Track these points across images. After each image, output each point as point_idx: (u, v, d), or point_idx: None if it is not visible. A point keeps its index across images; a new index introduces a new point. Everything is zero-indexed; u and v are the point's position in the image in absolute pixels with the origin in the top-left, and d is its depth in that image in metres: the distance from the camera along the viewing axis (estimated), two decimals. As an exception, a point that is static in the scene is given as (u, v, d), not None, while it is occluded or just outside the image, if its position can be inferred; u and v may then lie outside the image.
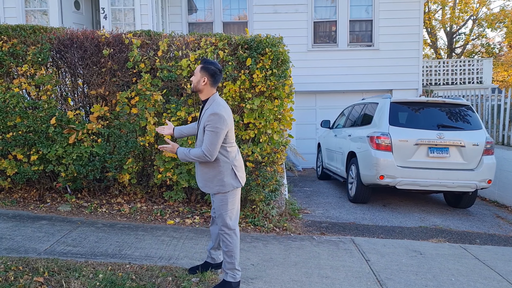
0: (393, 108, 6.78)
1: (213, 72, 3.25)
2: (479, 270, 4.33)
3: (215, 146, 3.16)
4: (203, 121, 3.21)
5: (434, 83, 14.34)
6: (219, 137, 3.15)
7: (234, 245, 3.38)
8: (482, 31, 25.52)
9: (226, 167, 3.30)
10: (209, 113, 3.16)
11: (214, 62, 3.32)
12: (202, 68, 3.25)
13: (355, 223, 6.00)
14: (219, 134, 3.14)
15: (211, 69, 3.25)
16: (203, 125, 3.20)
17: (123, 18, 9.23)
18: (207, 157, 3.17)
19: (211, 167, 3.31)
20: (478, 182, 6.48)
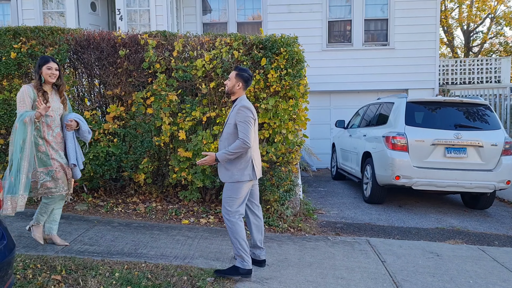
0: (409, 107, 6.70)
1: (247, 79, 3.74)
2: (498, 273, 4.25)
3: (249, 134, 3.56)
4: (232, 117, 3.66)
5: (451, 82, 14.13)
6: (250, 127, 3.59)
7: (235, 233, 3.63)
8: (500, 29, 25.08)
9: (247, 159, 3.65)
10: (238, 107, 3.63)
11: (247, 69, 3.79)
12: (237, 75, 3.72)
13: (370, 224, 5.95)
14: (250, 123, 3.59)
15: (245, 76, 3.73)
16: (233, 120, 3.64)
17: (139, 19, 9.31)
18: (246, 143, 3.55)
19: (233, 161, 3.65)
20: (496, 183, 6.37)
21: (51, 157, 3.90)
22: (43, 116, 3.81)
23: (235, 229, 3.63)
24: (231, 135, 3.65)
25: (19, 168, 3.74)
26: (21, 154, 3.75)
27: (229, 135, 3.67)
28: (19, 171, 3.74)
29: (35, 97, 3.82)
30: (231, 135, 3.65)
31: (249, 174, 3.66)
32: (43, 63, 3.87)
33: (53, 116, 3.96)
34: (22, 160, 3.75)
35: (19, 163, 3.74)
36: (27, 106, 3.80)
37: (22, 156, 3.75)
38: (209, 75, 5.36)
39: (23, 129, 3.75)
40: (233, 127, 3.64)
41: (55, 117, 3.98)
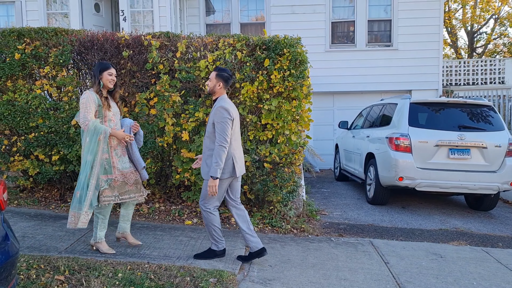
0: (413, 108, 6.69)
1: (227, 78, 3.93)
2: (502, 274, 4.23)
3: (226, 135, 3.74)
4: (211, 116, 3.85)
5: (455, 83, 14.10)
6: (227, 127, 3.75)
7: (211, 221, 3.98)
8: (504, 30, 25.01)
9: (227, 157, 3.83)
10: (215, 107, 3.83)
11: (226, 69, 3.99)
12: (217, 75, 3.90)
13: (373, 225, 5.94)
14: (227, 124, 3.75)
15: (225, 75, 3.92)
16: (212, 119, 3.83)
17: (142, 20, 9.33)
18: (223, 146, 3.74)
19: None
20: (500, 184, 6.34)
21: (113, 165, 3.89)
22: (127, 140, 3.94)
23: (211, 218, 3.97)
24: (212, 134, 3.85)
25: (87, 184, 3.77)
26: (90, 171, 3.78)
27: (210, 134, 3.87)
28: (87, 188, 3.77)
29: (99, 103, 3.82)
30: (211, 133, 3.85)
31: (229, 171, 3.86)
32: (104, 68, 3.87)
33: (115, 121, 3.98)
34: (91, 177, 3.78)
35: (87, 180, 3.77)
36: (92, 112, 3.78)
37: (92, 174, 3.78)
38: (212, 76, 5.36)
39: (95, 146, 3.78)
40: (212, 126, 3.84)
41: (117, 121, 4.00)
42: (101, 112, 3.86)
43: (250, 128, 5.39)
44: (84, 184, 3.75)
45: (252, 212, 5.60)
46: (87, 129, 3.76)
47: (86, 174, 3.76)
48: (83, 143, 3.81)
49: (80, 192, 3.75)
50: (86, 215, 3.79)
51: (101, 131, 3.76)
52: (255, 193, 5.43)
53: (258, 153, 5.31)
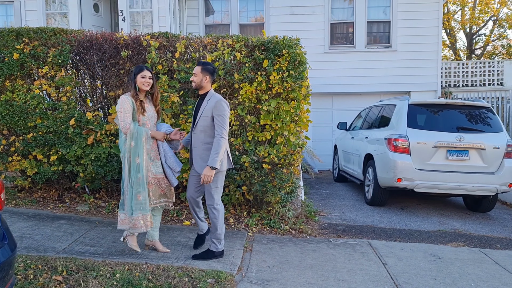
0: (411, 110, 6.69)
1: (212, 71, 3.98)
2: (500, 276, 4.24)
3: (226, 128, 3.83)
4: (207, 110, 3.86)
5: (453, 84, 14.10)
6: (227, 120, 3.84)
7: (221, 219, 4.01)
8: (503, 32, 25.04)
9: (224, 150, 3.85)
10: (215, 101, 3.85)
11: (209, 62, 4.09)
12: (202, 69, 3.92)
13: (372, 226, 5.94)
14: (227, 117, 3.84)
15: (210, 69, 3.96)
16: (210, 113, 3.84)
17: (141, 20, 9.33)
18: (224, 138, 3.80)
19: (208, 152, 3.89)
20: (498, 185, 6.35)
21: (147, 168, 3.89)
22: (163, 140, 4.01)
23: (221, 215, 4.00)
24: (208, 128, 3.87)
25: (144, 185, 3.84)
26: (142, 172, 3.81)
27: (206, 128, 3.87)
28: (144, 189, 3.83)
29: (134, 107, 3.84)
30: (208, 127, 3.87)
31: (226, 163, 3.95)
32: (138, 71, 3.88)
33: (149, 125, 3.97)
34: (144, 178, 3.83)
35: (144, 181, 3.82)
36: (130, 115, 3.80)
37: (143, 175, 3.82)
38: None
39: (141, 148, 3.82)
40: (210, 120, 3.84)
41: (151, 126, 4.00)
42: (134, 116, 3.85)
43: (249, 129, 5.39)
44: (142, 185, 3.80)
45: (250, 213, 5.59)
46: (130, 132, 3.78)
47: (141, 175, 3.80)
48: (127, 147, 3.80)
49: (141, 194, 3.79)
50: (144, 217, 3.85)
51: (143, 133, 3.83)
52: (254, 194, 5.42)
53: (257, 153, 5.31)
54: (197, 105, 4.03)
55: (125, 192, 3.82)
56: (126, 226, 3.85)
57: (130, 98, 3.84)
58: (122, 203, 3.87)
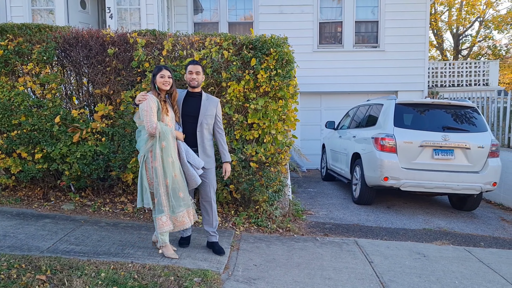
0: (398, 109, 6.74)
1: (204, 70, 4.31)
2: (483, 273, 4.29)
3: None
4: (211, 108, 4.13)
5: (440, 84, 14.26)
6: None
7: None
8: (489, 33, 25.37)
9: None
10: (216, 101, 4.22)
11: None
12: (202, 68, 4.21)
13: (358, 225, 5.97)
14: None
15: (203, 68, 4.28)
16: (213, 111, 4.14)
17: (129, 18, 9.25)
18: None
19: (212, 147, 4.21)
20: (483, 184, 6.43)
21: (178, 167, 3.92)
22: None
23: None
24: (211, 125, 4.16)
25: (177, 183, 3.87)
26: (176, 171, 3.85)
27: (209, 126, 4.14)
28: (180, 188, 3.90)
29: (159, 106, 3.82)
30: (210, 125, 4.16)
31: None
32: (157, 72, 3.88)
33: (171, 126, 3.94)
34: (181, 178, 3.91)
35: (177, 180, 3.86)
36: (155, 114, 3.78)
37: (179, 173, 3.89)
38: (199, 75, 5.33)
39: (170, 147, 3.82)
40: (214, 118, 4.15)
41: (172, 126, 3.96)
42: (159, 117, 3.82)
43: (236, 128, 5.38)
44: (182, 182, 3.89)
45: (238, 212, 5.59)
46: (158, 132, 3.74)
47: (177, 172, 3.86)
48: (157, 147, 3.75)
49: (182, 191, 3.88)
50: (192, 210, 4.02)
51: (169, 132, 3.82)
52: (241, 193, 5.42)
53: (244, 152, 5.30)
54: (189, 102, 4.14)
55: (160, 194, 3.78)
56: (169, 227, 3.86)
57: (155, 98, 3.82)
58: (158, 206, 3.82)
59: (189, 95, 4.15)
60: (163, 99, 3.91)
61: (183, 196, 3.86)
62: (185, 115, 4.12)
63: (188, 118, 4.10)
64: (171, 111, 3.98)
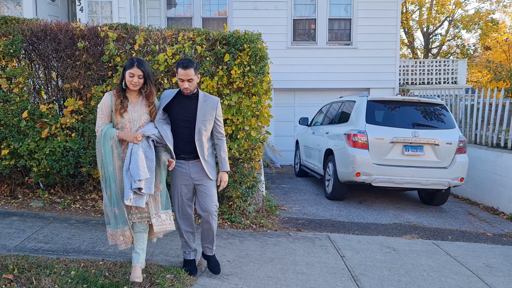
0: (370, 106, 6.85)
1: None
2: (450, 266, 4.43)
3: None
4: (209, 112, 3.53)
5: (411, 82, 14.58)
6: None
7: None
8: (457, 32, 26.06)
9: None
10: (215, 101, 3.59)
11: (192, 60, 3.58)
12: (196, 70, 3.45)
13: (331, 220, 6.05)
14: None
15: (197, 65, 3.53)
16: (212, 115, 3.56)
17: (100, 11, 9.05)
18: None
19: (213, 155, 3.71)
20: (451, 180, 6.61)
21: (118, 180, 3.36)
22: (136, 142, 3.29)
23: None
24: (209, 132, 3.61)
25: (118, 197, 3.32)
26: (115, 183, 3.31)
27: (208, 132, 3.59)
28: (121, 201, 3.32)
29: (112, 106, 3.35)
30: (209, 131, 3.60)
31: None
32: (128, 67, 3.31)
33: (131, 129, 3.39)
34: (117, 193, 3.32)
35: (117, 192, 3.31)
36: (104, 117, 3.35)
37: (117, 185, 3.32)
38: (172, 70, 5.28)
39: (110, 154, 3.30)
40: (212, 122, 3.57)
41: (134, 129, 3.40)
42: (112, 118, 3.38)
43: (209, 123, 5.35)
44: (116, 197, 3.30)
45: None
46: (97, 137, 3.33)
47: (115, 186, 3.30)
48: (98, 154, 3.35)
49: (117, 207, 3.31)
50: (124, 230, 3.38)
51: (109, 136, 3.28)
52: (215, 189, 5.40)
53: (218, 148, 5.28)
54: (183, 104, 3.52)
55: (105, 204, 3.38)
56: (113, 242, 3.41)
57: (110, 97, 3.37)
58: (106, 216, 3.42)
59: (182, 95, 3.53)
60: (127, 97, 3.38)
61: (118, 213, 3.31)
62: (179, 119, 3.51)
63: (183, 122, 3.51)
64: (136, 111, 3.39)
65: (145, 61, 3.41)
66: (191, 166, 3.56)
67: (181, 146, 3.51)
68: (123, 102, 3.34)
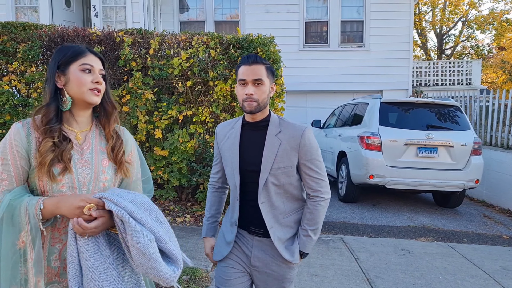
0: (383, 108, 6.84)
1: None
2: (466, 269, 4.39)
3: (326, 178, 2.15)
4: (284, 152, 1.93)
5: (424, 84, 14.47)
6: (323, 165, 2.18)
7: None
8: (471, 33, 25.81)
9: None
10: (299, 135, 1.93)
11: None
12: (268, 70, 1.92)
13: (344, 222, 6.05)
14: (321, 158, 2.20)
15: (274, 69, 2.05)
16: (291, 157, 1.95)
17: (115, 16, 9.19)
18: (328, 200, 2.12)
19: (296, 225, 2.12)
20: (466, 182, 6.56)
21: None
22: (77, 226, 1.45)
23: None
24: (290, 186, 2.02)
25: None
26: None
27: (287, 186, 2.00)
28: None
29: (27, 152, 1.52)
30: (292, 185, 2.03)
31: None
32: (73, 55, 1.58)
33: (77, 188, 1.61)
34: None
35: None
36: (13, 176, 1.51)
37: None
38: (186, 74, 5.35)
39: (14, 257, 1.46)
40: (292, 170, 2.00)
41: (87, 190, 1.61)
42: (30, 178, 1.54)
43: (223, 126, 5.39)
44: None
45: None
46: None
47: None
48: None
49: None
50: None
51: (17, 212, 1.44)
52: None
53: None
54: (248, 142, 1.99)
55: None
56: None
57: (23, 131, 1.53)
58: None
59: (246, 126, 2.01)
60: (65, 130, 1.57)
61: None
62: (243, 168, 1.98)
63: (248, 174, 1.98)
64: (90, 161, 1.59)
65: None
66: (255, 245, 2.04)
67: (244, 214, 2.05)
68: (60, 146, 1.52)
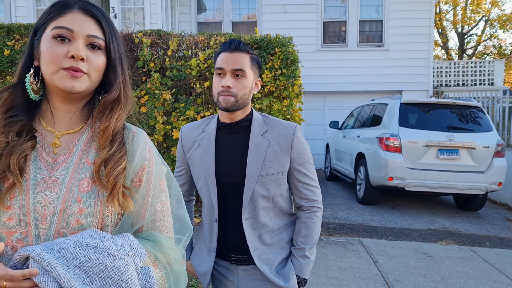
0: (403, 109, 6.73)
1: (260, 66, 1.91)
2: (489, 273, 4.28)
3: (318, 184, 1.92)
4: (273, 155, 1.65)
5: (445, 84, 14.22)
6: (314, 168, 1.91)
7: None
8: (494, 32, 25.27)
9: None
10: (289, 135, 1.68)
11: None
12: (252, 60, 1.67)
13: (363, 225, 5.97)
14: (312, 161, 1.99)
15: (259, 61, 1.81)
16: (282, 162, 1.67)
17: (133, 17, 9.28)
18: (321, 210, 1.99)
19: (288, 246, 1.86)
20: (488, 184, 6.41)
21: None
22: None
23: None
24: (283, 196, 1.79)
25: None
26: None
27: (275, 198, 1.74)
28: None
29: None
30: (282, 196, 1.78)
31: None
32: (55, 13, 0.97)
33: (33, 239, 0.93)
34: None
35: None
36: None
37: None
38: (204, 75, 5.35)
39: None
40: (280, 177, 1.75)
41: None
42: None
43: (241, 127, 5.39)
44: None
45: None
46: None
47: None
48: None
49: None
50: None
51: None
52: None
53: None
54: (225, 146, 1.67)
55: None
56: None
57: None
58: None
59: (223, 129, 1.70)
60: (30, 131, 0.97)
61: None
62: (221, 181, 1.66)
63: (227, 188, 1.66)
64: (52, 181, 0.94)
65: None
66: (241, 277, 1.71)
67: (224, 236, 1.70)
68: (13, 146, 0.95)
